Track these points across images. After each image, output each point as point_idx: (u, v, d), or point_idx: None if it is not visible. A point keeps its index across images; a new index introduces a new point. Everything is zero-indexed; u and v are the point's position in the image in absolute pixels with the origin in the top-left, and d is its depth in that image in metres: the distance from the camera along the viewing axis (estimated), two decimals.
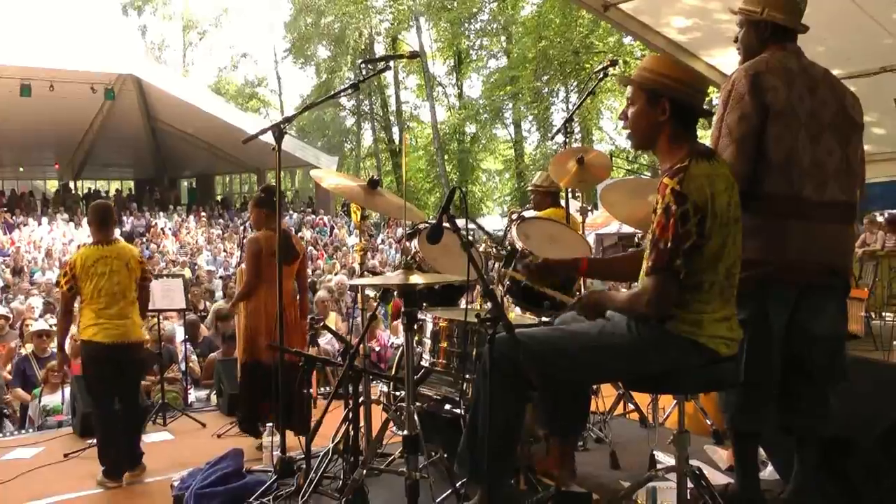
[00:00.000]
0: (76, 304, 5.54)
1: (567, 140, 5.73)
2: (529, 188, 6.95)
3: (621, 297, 2.95)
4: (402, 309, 3.25)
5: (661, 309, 2.81)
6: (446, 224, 2.96)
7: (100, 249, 5.49)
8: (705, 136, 3.53)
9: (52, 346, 8.53)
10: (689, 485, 3.16)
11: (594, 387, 4.69)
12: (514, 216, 4.43)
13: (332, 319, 10.57)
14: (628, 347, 2.92)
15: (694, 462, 3.72)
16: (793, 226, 3.20)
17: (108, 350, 5.32)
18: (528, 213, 4.83)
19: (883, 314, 9.86)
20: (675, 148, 2.93)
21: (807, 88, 3.23)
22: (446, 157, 38.93)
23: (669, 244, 2.74)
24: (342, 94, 4.40)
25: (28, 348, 8.52)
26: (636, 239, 4.55)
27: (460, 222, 3.08)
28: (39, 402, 7.70)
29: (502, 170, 42.06)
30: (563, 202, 6.15)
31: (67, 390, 7.41)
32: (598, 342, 2.96)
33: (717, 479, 4.02)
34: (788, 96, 3.20)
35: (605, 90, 30.86)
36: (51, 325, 9.90)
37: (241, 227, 26.86)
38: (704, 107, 3.00)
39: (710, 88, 3.91)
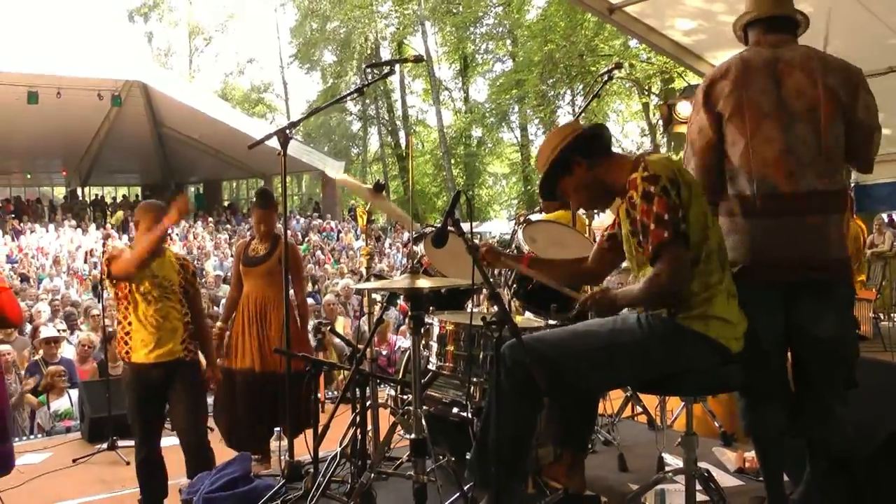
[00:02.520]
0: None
1: None
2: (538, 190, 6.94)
3: (636, 288, 2.94)
4: (409, 313, 3.25)
5: (682, 278, 2.83)
6: (451, 228, 2.97)
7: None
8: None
9: (61, 352, 8.57)
10: (698, 487, 3.16)
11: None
12: (521, 219, 4.44)
13: (341, 323, 10.60)
14: (640, 343, 2.92)
15: (702, 464, 3.72)
16: (756, 224, 3.15)
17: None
18: (535, 217, 4.82)
19: (891, 315, 9.84)
20: (618, 168, 3.05)
21: (773, 80, 3.13)
22: (453, 161, 38.92)
23: (667, 216, 2.80)
24: (347, 98, 4.41)
25: (39, 353, 8.50)
26: None
27: (465, 226, 3.09)
28: (49, 407, 7.70)
29: (509, 173, 42.01)
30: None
31: (75, 394, 7.43)
32: (609, 340, 2.96)
33: (726, 480, 4.02)
34: (742, 96, 3.16)
35: (612, 93, 30.83)
36: (59, 331, 9.94)
37: (249, 232, 26.94)
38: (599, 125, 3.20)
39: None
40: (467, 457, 3.36)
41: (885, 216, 14.76)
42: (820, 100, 3.12)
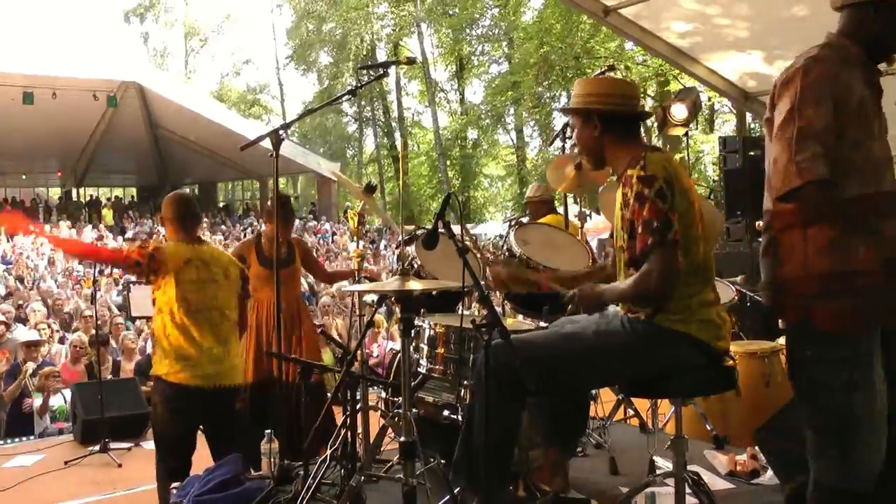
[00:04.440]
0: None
1: (563, 146, 5.73)
2: (524, 202, 6.98)
3: (623, 286, 2.95)
4: (399, 315, 3.24)
5: (670, 281, 2.83)
6: (441, 230, 2.97)
7: (191, 248, 4.33)
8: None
9: (42, 355, 8.55)
10: (688, 490, 3.15)
11: (593, 392, 4.68)
12: (513, 222, 4.44)
13: (338, 325, 10.60)
14: (623, 347, 2.95)
15: (694, 467, 3.73)
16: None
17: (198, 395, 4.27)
18: (527, 220, 4.83)
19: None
20: (622, 152, 3.04)
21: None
22: (448, 162, 38.94)
23: (657, 223, 2.79)
24: (340, 100, 4.40)
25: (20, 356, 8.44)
26: None
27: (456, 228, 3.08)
28: (48, 407, 7.68)
29: (504, 175, 42.08)
30: (560, 207, 6.16)
31: (69, 393, 7.41)
32: (594, 343, 2.98)
33: (717, 484, 4.02)
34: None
35: None
36: (54, 330, 9.93)
37: (244, 234, 26.92)
38: (641, 111, 3.15)
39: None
40: None
41: None
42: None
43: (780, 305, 2.68)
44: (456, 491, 3.27)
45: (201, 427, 4.50)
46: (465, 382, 3.62)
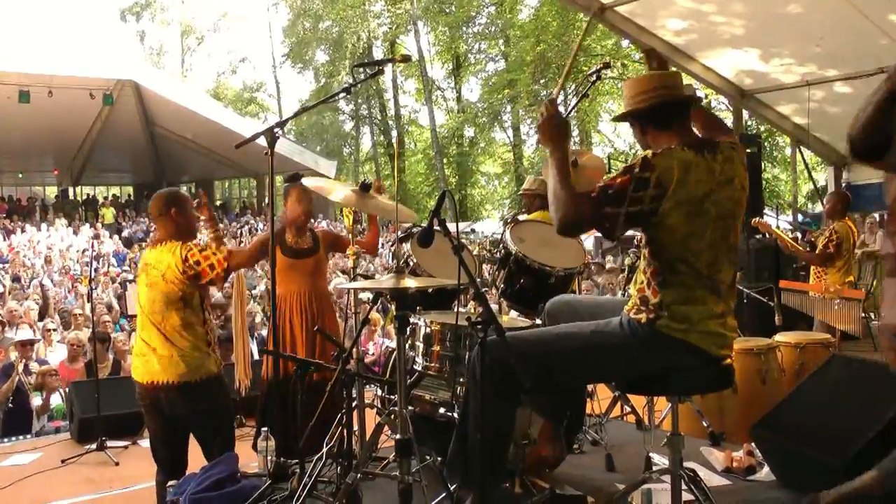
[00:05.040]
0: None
1: None
2: (519, 192, 7.00)
3: (556, 180, 2.91)
4: (395, 312, 3.24)
5: (570, 224, 2.85)
6: (437, 227, 2.97)
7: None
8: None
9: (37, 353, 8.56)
10: (684, 486, 3.16)
11: (589, 389, 4.69)
12: (509, 219, 4.44)
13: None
14: (620, 347, 2.95)
15: (690, 464, 3.73)
16: None
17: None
18: (522, 217, 4.83)
19: (882, 315, 9.87)
20: (665, 144, 2.96)
21: None
22: (445, 160, 38.96)
23: (611, 191, 2.79)
24: (335, 97, 4.40)
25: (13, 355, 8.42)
26: (635, 241, 4.54)
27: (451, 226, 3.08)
28: (49, 406, 7.68)
29: (501, 173, 42.10)
30: None
31: (66, 392, 7.40)
32: (591, 341, 2.98)
33: (713, 480, 4.03)
34: None
35: (603, 93, 30.92)
36: (50, 330, 9.91)
37: (240, 232, 26.91)
38: (681, 96, 3.03)
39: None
40: None
41: (876, 216, 14.79)
42: None
43: None
44: (452, 488, 3.28)
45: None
46: (461, 380, 3.62)
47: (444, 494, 3.39)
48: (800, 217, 16.92)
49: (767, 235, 8.66)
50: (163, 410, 4.38)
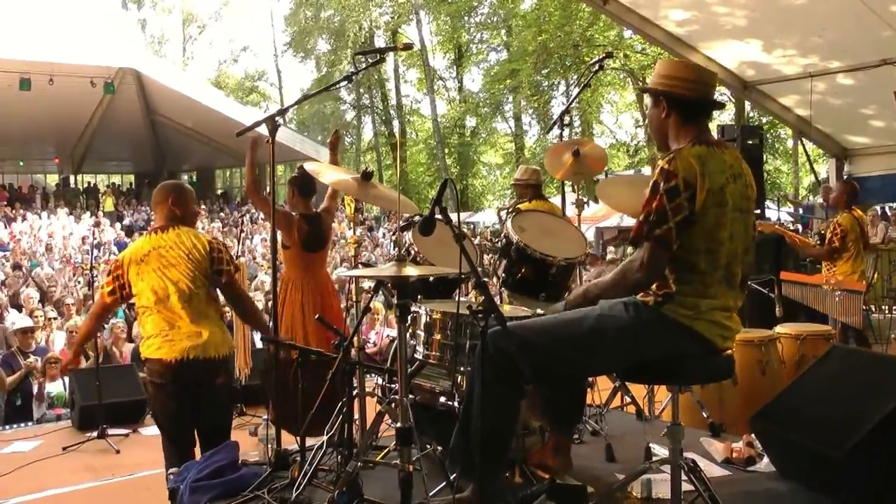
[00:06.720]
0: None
1: (561, 132, 5.71)
2: (511, 183, 7.00)
3: (608, 276, 3.02)
4: (395, 301, 3.24)
5: (652, 272, 2.90)
6: (438, 216, 2.97)
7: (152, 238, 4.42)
8: None
9: (37, 341, 8.57)
10: (684, 477, 3.16)
11: (590, 379, 4.68)
12: (510, 209, 4.43)
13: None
14: (625, 330, 2.97)
15: (690, 454, 3.73)
16: None
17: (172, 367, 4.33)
18: (523, 206, 4.83)
19: (882, 307, 9.86)
20: (681, 136, 3.04)
21: None
22: (446, 150, 38.90)
23: (653, 216, 2.85)
24: (337, 86, 4.39)
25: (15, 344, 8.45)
26: None
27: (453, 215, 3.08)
28: (46, 393, 7.69)
29: (503, 163, 42.04)
30: (553, 194, 6.18)
31: (67, 380, 7.42)
32: (595, 326, 3.00)
33: (713, 471, 4.03)
34: None
35: (605, 83, 30.84)
36: (50, 318, 9.92)
37: (241, 221, 26.91)
38: (713, 98, 3.10)
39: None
40: None
41: (878, 208, 14.78)
42: None
43: None
44: (452, 477, 3.28)
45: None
46: (462, 369, 3.62)
47: (444, 483, 3.39)
48: (793, 209, 16.86)
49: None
50: (186, 387, 4.32)
